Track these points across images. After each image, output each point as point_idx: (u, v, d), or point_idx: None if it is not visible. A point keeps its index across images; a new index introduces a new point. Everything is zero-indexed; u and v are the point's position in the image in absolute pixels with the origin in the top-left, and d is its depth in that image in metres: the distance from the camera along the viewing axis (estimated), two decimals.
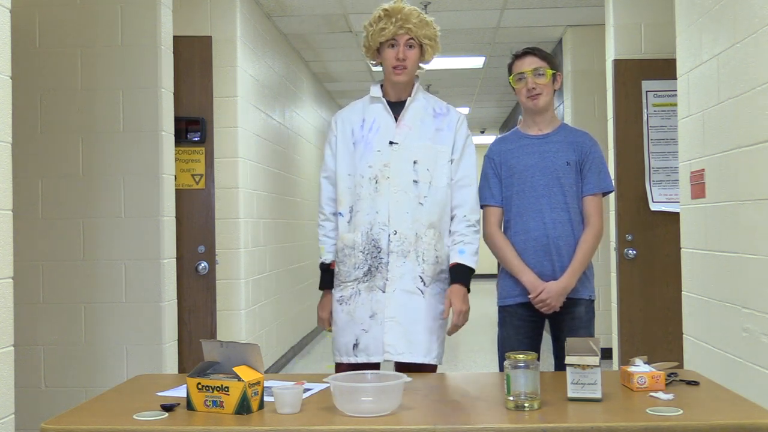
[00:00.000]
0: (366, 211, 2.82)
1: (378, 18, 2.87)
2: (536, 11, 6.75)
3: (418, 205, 2.82)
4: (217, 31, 5.41)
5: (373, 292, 2.80)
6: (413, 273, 2.80)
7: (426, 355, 2.79)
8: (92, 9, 3.86)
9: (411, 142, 2.85)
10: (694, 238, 3.61)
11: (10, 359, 2.31)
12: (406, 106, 2.91)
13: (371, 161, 2.84)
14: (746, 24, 2.99)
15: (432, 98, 3.00)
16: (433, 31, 2.90)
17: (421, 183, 2.83)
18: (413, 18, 2.84)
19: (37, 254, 3.83)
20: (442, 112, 2.95)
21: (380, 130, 2.88)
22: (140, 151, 3.83)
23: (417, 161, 2.84)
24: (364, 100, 3.00)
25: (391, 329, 2.76)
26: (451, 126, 2.91)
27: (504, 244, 2.98)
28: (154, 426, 1.92)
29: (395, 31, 2.83)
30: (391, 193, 2.81)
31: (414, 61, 2.88)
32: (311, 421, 1.93)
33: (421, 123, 2.89)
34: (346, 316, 2.84)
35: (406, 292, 2.79)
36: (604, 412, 1.97)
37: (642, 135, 5.20)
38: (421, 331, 2.79)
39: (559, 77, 3.02)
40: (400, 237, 2.80)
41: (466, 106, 11.85)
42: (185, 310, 4.42)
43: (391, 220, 2.80)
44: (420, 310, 2.79)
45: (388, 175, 2.82)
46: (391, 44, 2.86)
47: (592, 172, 2.97)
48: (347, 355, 2.82)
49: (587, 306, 2.98)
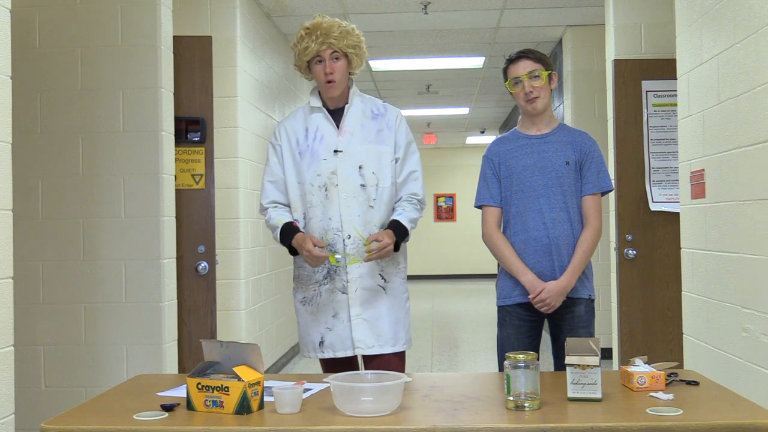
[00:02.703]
0: (318, 218, 2.97)
1: (300, 38, 3.01)
2: (536, 11, 6.75)
3: (368, 208, 2.97)
4: (217, 31, 5.41)
5: (333, 293, 2.98)
6: (373, 272, 2.98)
7: (394, 345, 3.00)
8: (92, 9, 3.86)
9: (354, 147, 2.99)
10: (694, 238, 3.61)
11: (10, 359, 2.31)
12: (345, 113, 3.03)
13: (318, 170, 2.98)
14: (746, 24, 2.99)
15: (368, 99, 3.11)
16: (355, 40, 3.02)
17: (368, 187, 2.97)
18: (334, 31, 2.96)
19: (37, 254, 3.83)
20: (380, 112, 3.07)
21: (324, 138, 3.00)
22: (140, 151, 3.83)
23: (362, 166, 2.98)
24: (305, 108, 3.11)
25: (357, 326, 2.95)
26: (390, 125, 3.04)
27: (503, 244, 2.98)
28: (154, 426, 1.92)
29: (318, 48, 2.96)
30: (341, 199, 2.96)
31: (342, 72, 2.99)
32: (311, 421, 1.93)
33: (361, 127, 3.02)
34: (309, 316, 3.03)
35: (368, 290, 2.97)
36: (604, 412, 1.97)
37: (642, 135, 5.20)
38: (387, 324, 2.99)
39: (555, 76, 3.02)
40: (354, 240, 2.94)
41: (466, 106, 11.85)
42: (185, 310, 4.42)
43: (344, 226, 2.95)
44: (383, 305, 2.99)
45: (336, 183, 2.96)
46: (317, 60, 2.99)
47: (592, 171, 2.97)
48: (314, 351, 3.03)
49: (587, 305, 2.99)
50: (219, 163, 5.11)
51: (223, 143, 5.37)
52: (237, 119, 5.51)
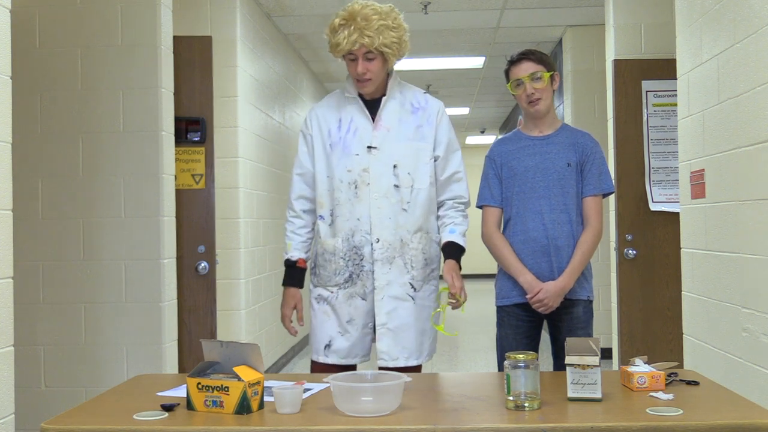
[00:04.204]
0: (346, 217, 2.74)
1: (333, 29, 2.68)
2: (536, 11, 6.75)
3: (401, 211, 2.74)
4: (217, 31, 5.41)
5: (352, 298, 2.76)
6: (401, 280, 2.75)
7: (418, 357, 2.80)
8: (92, 9, 3.86)
9: (390, 144, 2.75)
10: (694, 238, 3.61)
11: (10, 359, 2.31)
12: (382, 106, 2.78)
13: (349, 165, 2.74)
14: (746, 24, 2.99)
15: (408, 90, 2.86)
16: (395, 36, 2.68)
17: (402, 188, 2.74)
18: (372, 25, 2.62)
19: (37, 254, 3.83)
20: (420, 105, 2.82)
21: (357, 132, 2.76)
22: (140, 151, 3.83)
23: (397, 165, 2.74)
24: (338, 95, 2.85)
25: (382, 336, 2.74)
26: (431, 121, 2.80)
27: (502, 245, 2.98)
28: (154, 426, 1.92)
29: (350, 47, 2.65)
30: (372, 199, 2.73)
31: (377, 71, 2.71)
32: (311, 421, 1.93)
33: (399, 122, 2.78)
34: (322, 315, 2.82)
35: (395, 298, 2.75)
36: (604, 412, 1.97)
37: (642, 135, 5.20)
38: (412, 336, 2.78)
39: (557, 77, 3.01)
40: (383, 245, 2.73)
41: (466, 106, 11.85)
42: (185, 310, 4.42)
43: (374, 228, 2.72)
44: (410, 315, 2.77)
45: (368, 181, 2.73)
46: (350, 58, 2.70)
47: (593, 173, 2.97)
48: (317, 354, 2.83)
49: (585, 306, 2.98)
50: (219, 163, 5.11)
51: (223, 143, 5.37)
52: (237, 119, 5.51)
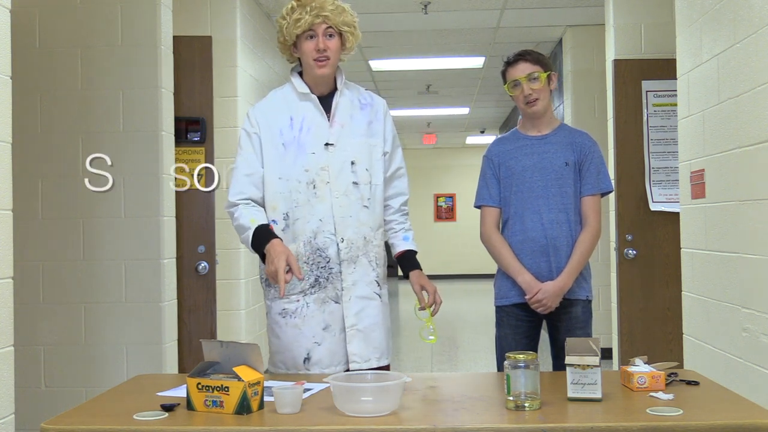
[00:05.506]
0: (306, 219, 2.63)
1: (291, 9, 2.65)
2: (536, 11, 6.75)
3: (362, 208, 2.67)
4: (217, 31, 5.41)
5: (325, 303, 2.63)
6: (367, 279, 2.67)
7: (388, 356, 2.73)
8: (92, 9, 3.86)
9: (346, 141, 2.68)
10: (694, 238, 3.61)
11: (10, 359, 2.31)
12: (335, 103, 2.71)
13: (306, 164, 2.63)
14: (746, 24, 2.99)
15: (353, 87, 2.81)
16: (351, 18, 2.68)
17: (361, 185, 2.67)
18: (328, 5, 2.62)
19: (37, 254, 3.83)
20: (367, 102, 2.78)
21: (312, 130, 2.67)
22: (140, 151, 3.83)
23: (354, 161, 2.67)
24: (285, 92, 2.78)
25: (353, 338, 2.63)
26: (379, 117, 2.77)
27: (501, 245, 2.98)
28: (154, 426, 1.92)
29: (311, 21, 2.60)
30: (333, 198, 2.63)
31: (336, 52, 2.66)
32: (311, 421, 1.93)
33: (351, 119, 2.72)
34: (293, 329, 2.65)
35: (363, 298, 2.66)
36: (604, 412, 1.97)
37: (642, 135, 5.20)
38: (382, 336, 2.71)
39: (555, 76, 3.01)
40: (348, 244, 2.64)
41: (466, 106, 11.85)
42: (185, 310, 4.42)
43: (338, 228, 2.63)
44: (378, 314, 2.69)
45: (327, 179, 2.63)
46: (309, 35, 2.63)
47: (591, 172, 2.97)
48: (295, 369, 2.63)
49: (584, 306, 2.98)
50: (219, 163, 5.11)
51: (223, 143, 5.37)
52: (237, 119, 5.51)
